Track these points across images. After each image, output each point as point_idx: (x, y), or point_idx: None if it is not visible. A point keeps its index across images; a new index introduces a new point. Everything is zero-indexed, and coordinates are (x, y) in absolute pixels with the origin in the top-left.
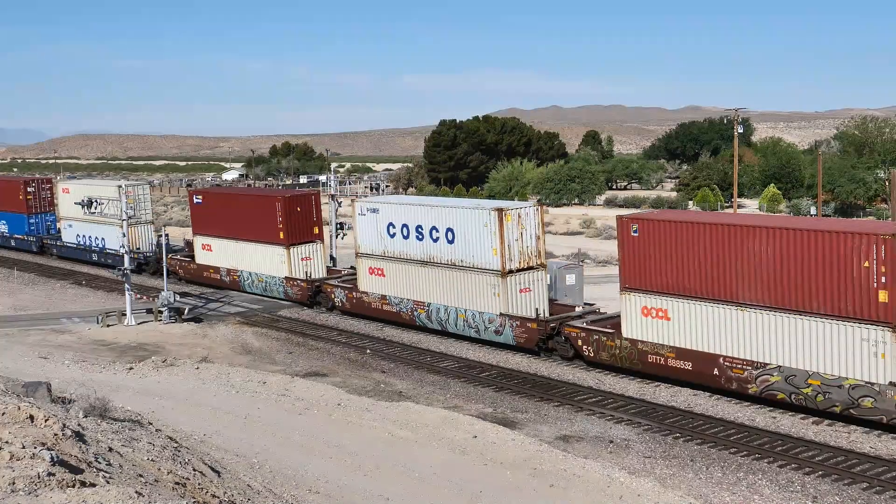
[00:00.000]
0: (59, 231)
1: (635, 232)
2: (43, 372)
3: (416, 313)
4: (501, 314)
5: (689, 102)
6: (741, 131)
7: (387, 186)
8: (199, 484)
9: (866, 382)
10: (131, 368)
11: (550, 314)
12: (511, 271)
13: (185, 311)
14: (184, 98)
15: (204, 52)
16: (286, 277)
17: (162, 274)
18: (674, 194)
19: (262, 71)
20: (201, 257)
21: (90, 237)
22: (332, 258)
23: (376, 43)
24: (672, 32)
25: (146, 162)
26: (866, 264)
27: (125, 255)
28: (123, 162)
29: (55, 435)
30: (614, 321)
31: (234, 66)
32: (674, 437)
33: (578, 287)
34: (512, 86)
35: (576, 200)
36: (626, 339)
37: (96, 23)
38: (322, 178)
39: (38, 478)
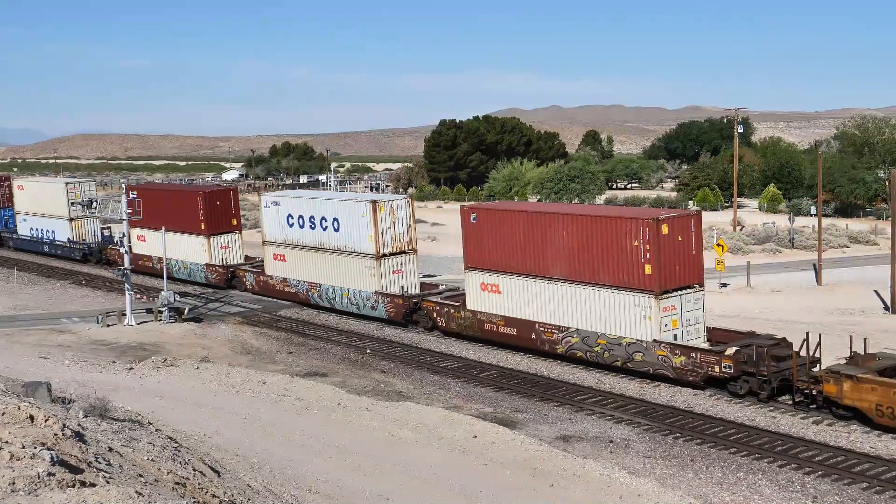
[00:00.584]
0: (16, 225)
1: (474, 219)
2: (43, 372)
3: (310, 293)
4: (376, 292)
5: (689, 102)
6: (741, 131)
7: (387, 186)
8: (199, 484)
9: (638, 340)
10: (131, 368)
11: (420, 292)
12: (384, 255)
13: (185, 311)
14: (184, 98)
15: (204, 51)
16: (206, 264)
17: (106, 263)
18: (674, 194)
19: (262, 71)
20: (137, 247)
21: (42, 230)
22: None
23: (376, 43)
24: (672, 32)
25: (146, 162)
26: (636, 243)
27: (125, 255)
28: (123, 162)
29: (55, 435)
30: (463, 296)
31: (234, 66)
32: (674, 437)
33: None
34: (512, 86)
35: (576, 200)
36: (469, 310)
37: (96, 23)
38: (322, 177)
39: (38, 478)
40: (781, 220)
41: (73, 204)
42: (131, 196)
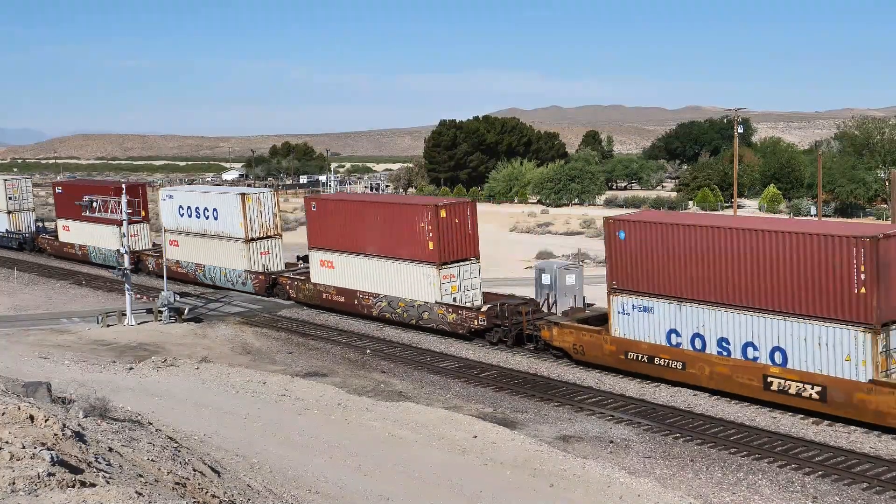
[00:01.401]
0: None
1: (314, 208)
2: (43, 372)
3: (197, 273)
4: (245, 270)
5: (689, 102)
6: (741, 131)
7: (387, 186)
8: (199, 484)
9: (425, 302)
10: (131, 368)
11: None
12: (252, 239)
13: (185, 311)
14: (184, 98)
15: (204, 52)
16: (117, 250)
17: (38, 251)
18: (674, 194)
19: (262, 71)
20: (63, 236)
21: None
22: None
23: (376, 43)
24: (672, 33)
25: (146, 162)
26: (422, 225)
27: (125, 255)
28: (123, 162)
29: (55, 435)
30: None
31: (234, 66)
32: (674, 437)
33: (578, 286)
34: (512, 86)
35: (576, 200)
36: (312, 283)
37: (96, 23)
38: (322, 178)
39: (38, 478)
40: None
41: (10, 199)
42: (57, 191)
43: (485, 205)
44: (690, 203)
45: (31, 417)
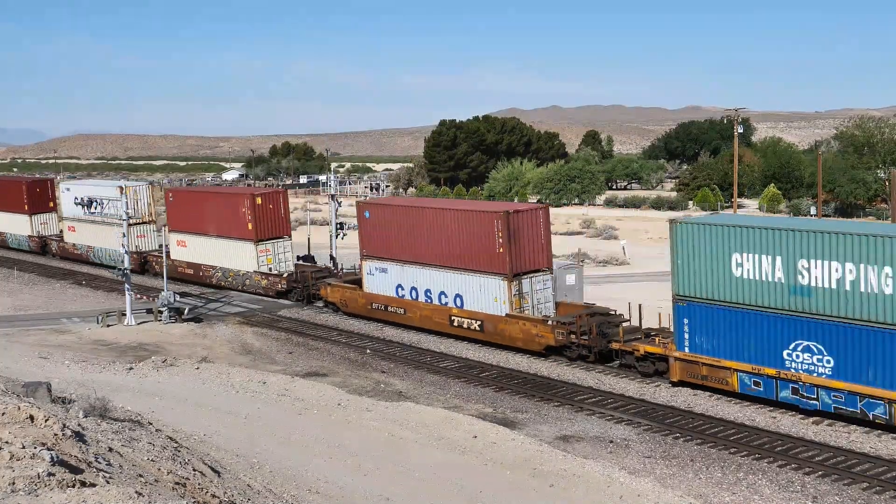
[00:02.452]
0: None
1: (171, 199)
2: (43, 372)
3: (88, 254)
4: (125, 251)
5: (689, 102)
6: (741, 131)
7: (387, 186)
8: (199, 484)
9: (247, 272)
10: (131, 368)
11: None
12: (133, 224)
13: (185, 311)
14: (184, 98)
15: (204, 51)
16: (28, 236)
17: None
18: (674, 194)
19: (262, 71)
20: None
21: None
22: (332, 258)
23: (376, 43)
24: (672, 32)
25: (146, 162)
26: (243, 210)
27: (125, 255)
28: (123, 162)
29: (55, 435)
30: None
31: (235, 65)
32: (674, 437)
33: (578, 287)
34: (512, 86)
35: (576, 200)
36: (172, 260)
37: (96, 23)
38: (322, 177)
39: (38, 478)
40: None
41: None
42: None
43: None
44: (690, 203)
45: (31, 417)
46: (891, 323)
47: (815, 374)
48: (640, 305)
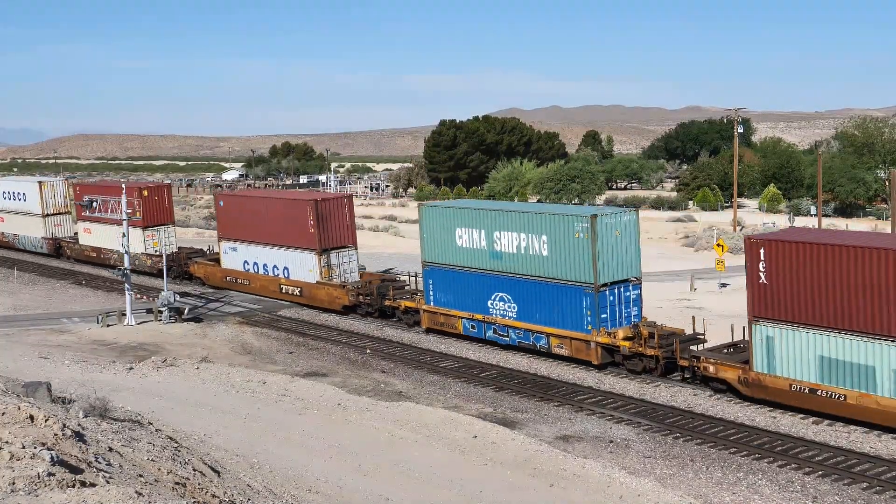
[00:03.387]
0: None
1: (78, 191)
2: (43, 372)
3: (15, 241)
4: (42, 237)
5: (689, 102)
6: (741, 131)
7: (387, 186)
8: (199, 484)
9: (137, 253)
10: (131, 368)
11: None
12: (48, 215)
13: (185, 311)
14: (184, 98)
15: (204, 52)
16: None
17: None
18: (674, 194)
19: (262, 71)
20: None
21: None
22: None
23: (376, 43)
24: (672, 32)
25: (146, 162)
26: (146, 193)
27: (125, 255)
28: (123, 162)
29: (55, 435)
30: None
31: (234, 66)
32: (674, 437)
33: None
34: (512, 86)
35: (576, 200)
36: (79, 244)
37: (96, 23)
38: (322, 177)
39: (38, 478)
40: (781, 220)
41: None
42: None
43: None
44: (690, 203)
45: (31, 417)
46: (547, 277)
47: (507, 318)
48: None
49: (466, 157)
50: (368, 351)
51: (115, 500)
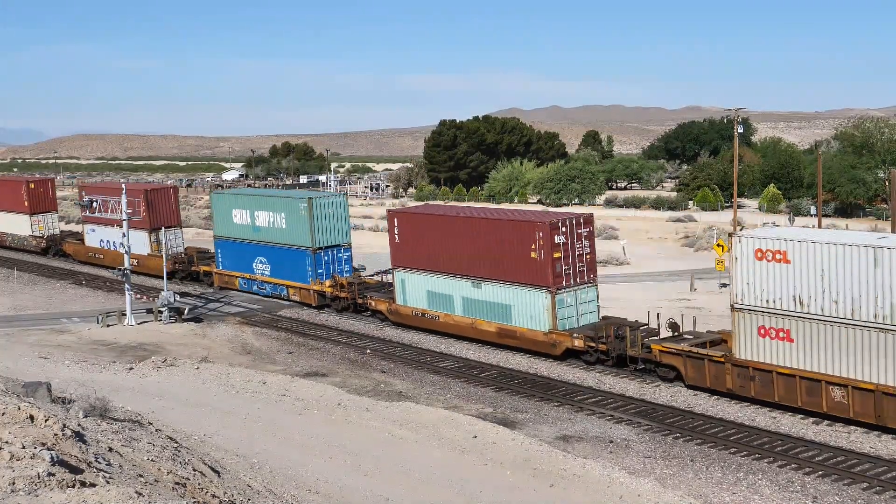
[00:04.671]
0: None
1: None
2: (43, 372)
3: None
4: (126, 251)
5: (689, 102)
6: (741, 131)
7: (387, 186)
8: (199, 484)
9: (23, 235)
10: (131, 368)
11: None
12: None
13: (185, 311)
14: (184, 98)
15: (203, 52)
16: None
17: None
18: (674, 194)
19: (262, 71)
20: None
21: None
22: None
23: (376, 43)
24: (672, 33)
25: (146, 162)
26: (32, 186)
27: (125, 255)
28: (123, 162)
29: (55, 435)
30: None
31: (235, 66)
32: (674, 437)
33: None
34: (512, 86)
35: (576, 200)
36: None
37: (96, 23)
38: (322, 178)
39: (38, 478)
40: (781, 220)
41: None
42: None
43: (485, 205)
44: (690, 203)
45: (31, 417)
46: (286, 243)
47: (264, 276)
48: None
49: (466, 157)
50: (368, 351)
51: (115, 500)
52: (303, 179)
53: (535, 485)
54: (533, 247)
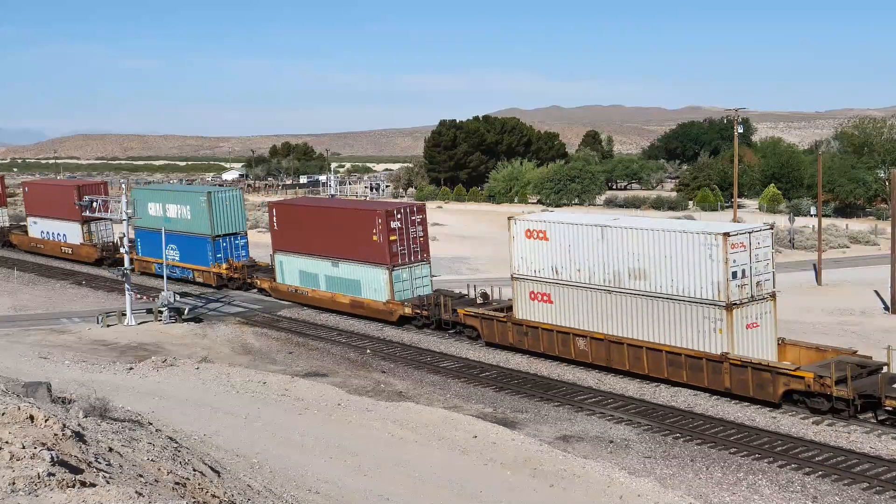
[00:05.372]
0: None
1: None
2: (43, 372)
3: None
4: (126, 251)
5: (689, 102)
6: (741, 131)
7: (387, 186)
8: (199, 484)
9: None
10: (131, 368)
11: None
12: None
13: (185, 311)
14: (184, 98)
15: (203, 52)
16: None
17: None
18: (674, 194)
19: (262, 71)
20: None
21: None
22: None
23: (376, 43)
24: (672, 32)
25: (146, 162)
26: None
27: (125, 256)
28: (123, 162)
29: (55, 435)
30: None
31: (234, 66)
32: (674, 437)
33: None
34: (512, 86)
35: (576, 200)
36: None
37: (96, 23)
38: (322, 178)
39: (38, 478)
40: (781, 220)
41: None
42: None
43: (485, 205)
44: (691, 203)
45: (31, 417)
46: (191, 232)
47: (175, 261)
48: None
49: (466, 157)
50: (368, 351)
51: (115, 500)
52: (303, 179)
53: (535, 485)
54: (374, 231)
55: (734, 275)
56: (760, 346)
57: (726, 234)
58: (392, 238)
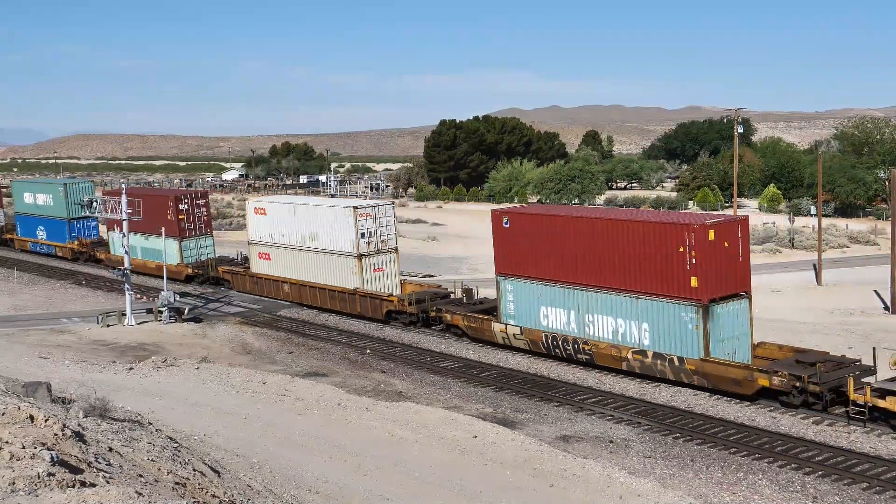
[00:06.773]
0: None
1: None
2: (43, 372)
3: None
4: (126, 251)
5: (689, 102)
6: (741, 131)
7: (387, 186)
8: (199, 484)
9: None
10: (131, 368)
11: None
12: None
13: (185, 311)
14: (184, 98)
15: (203, 52)
16: None
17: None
18: (674, 194)
19: (262, 71)
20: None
21: None
22: None
23: (376, 43)
24: (672, 32)
25: (146, 162)
26: None
27: (125, 256)
28: (123, 162)
29: (55, 435)
30: None
31: (234, 66)
32: (674, 437)
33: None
34: (512, 86)
35: (576, 200)
36: None
37: (96, 23)
38: (322, 178)
39: (38, 478)
40: (781, 220)
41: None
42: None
43: (485, 204)
44: (690, 203)
45: (31, 417)
46: (52, 216)
47: (43, 239)
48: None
49: (466, 157)
50: (368, 351)
51: (115, 500)
52: (303, 179)
53: (534, 485)
54: (168, 212)
55: (363, 235)
56: (386, 284)
57: (356, 208)
58: (181, 217)
